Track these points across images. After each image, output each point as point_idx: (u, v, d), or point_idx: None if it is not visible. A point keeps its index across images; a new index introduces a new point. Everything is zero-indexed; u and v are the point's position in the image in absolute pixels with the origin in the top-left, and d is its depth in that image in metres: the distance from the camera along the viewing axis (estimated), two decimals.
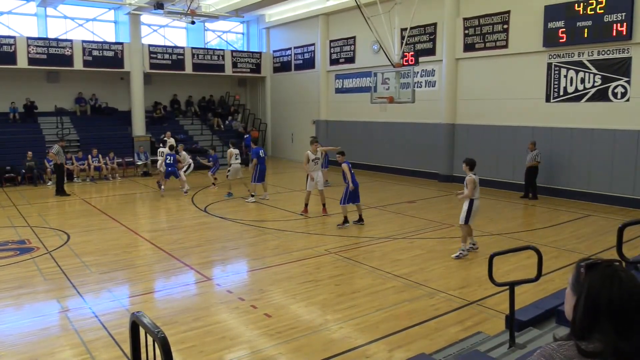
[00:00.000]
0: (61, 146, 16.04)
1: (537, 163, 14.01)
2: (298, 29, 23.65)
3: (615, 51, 13.11)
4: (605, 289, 1.50)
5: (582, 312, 1.52)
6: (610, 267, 1.54)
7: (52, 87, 21.84)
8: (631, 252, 7.72)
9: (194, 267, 8.35)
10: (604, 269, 1.54)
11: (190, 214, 12.72)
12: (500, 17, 15.56)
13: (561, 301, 4.97)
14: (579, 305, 1.54)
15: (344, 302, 6.71)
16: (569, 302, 1.62)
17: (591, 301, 1.51)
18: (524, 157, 14.51)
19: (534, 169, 14.10)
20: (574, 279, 1.61)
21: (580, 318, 1.53)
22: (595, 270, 1.55)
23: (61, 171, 15.75)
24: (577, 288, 1.57)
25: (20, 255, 8.99)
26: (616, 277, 1.51)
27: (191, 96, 25.38)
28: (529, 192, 14.31)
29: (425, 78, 18.19)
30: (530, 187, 14.27)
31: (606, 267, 1.55)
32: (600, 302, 1.49)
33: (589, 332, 1.50)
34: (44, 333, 5.83)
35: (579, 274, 1.58)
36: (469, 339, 5.13)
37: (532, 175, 14.17)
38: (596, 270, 1.55)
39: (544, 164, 14.33)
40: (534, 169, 14.10)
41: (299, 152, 24.26)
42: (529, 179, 14.22)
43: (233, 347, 5.44)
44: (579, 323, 1.53)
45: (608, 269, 1.54)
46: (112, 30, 23.28)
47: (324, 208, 12.28)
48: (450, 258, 8.69)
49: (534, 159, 14.02)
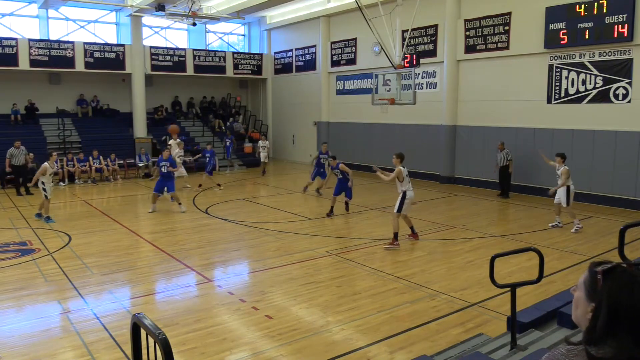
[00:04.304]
0: (16, 147, 15.97)
1: (509, 162, 14.59)
2: (299, 31, 23.67)
3: (617, 52, 13.10)
4: (625, 297, 1.48)
5: (604, 320, 1.49)
6: (628, 273, 1.53)
7: (54, 88, 21.86)
8: (633, 254, 7.72)
9: (195, 268, 8.35)
10: (622, 275, 1.52)
11: (191, 215, 12.72)
12: (501, 18, 15.56)
13: (563, 303, 4.97)
14: (599, 312, 1.51)
15: (345, 303, 6.71)
16: (580, 308, 1.59)
17: (612, 307, 1.48)
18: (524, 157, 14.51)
19: (507, 167, 14.65)
20: (589, 285, 1.57)
21: (601, 326, 1.50)
22: (613, 277, 1.52)
23: (21, 173, 15.73)
24: (594, 295, 1.54)
25: (21, 256, 9.00)
26: (636, 283, 1.49)
27: (192, 98, 25.40)
28: (504, 190, 14.92)
29: (426, 79, 18.20)
30: (505, 185, 14.85)
31: (624, 273, 1.53)
32: (619, 309, 1.47)
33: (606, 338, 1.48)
34: (45, 334, 5.84)
35: (596, 280, 1.55)
36: (470, 341, 5.12)
37: (507, 174, 14.72)
38: (614, 276, 1.52)
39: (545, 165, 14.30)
40: (507, 167, 14.65)
41: (300, 153, 24.33)
42: (504, 177, 14.81)
43: (234, 348, 5.44)
44: (600, 330, 1.50)
45: (626, 275, 1.52)
46: (114, 32, 23.33)
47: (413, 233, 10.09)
48: (451, 259, 8.68)
49: (505, 158, 14.57)
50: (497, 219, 12.79)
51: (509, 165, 14.61)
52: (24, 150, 16.20)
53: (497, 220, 12.61)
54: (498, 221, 12.55)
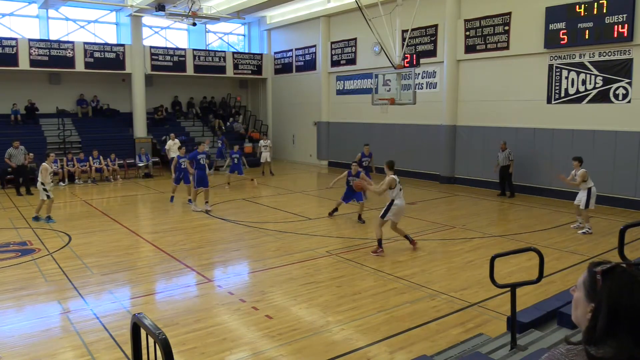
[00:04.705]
0: (15, 147, 15.95)
1: (510, 162, 14.64)
2: (299, 31, 23.67)
3: (617, 52, 13.10)
4: (625, 297, 1.47)
5: (605, 320, 1.49)
6: (627, 273, 1.52)
7: (54, 88, 21.86)
8: (633, 254, 7.72)
9: (195, 268, 8.35)
10: (621, 275, 1.51)
11: (192, 215, 12.72)
12: (501, 18, 15.56)
13: (562, 303, 4.97)
14: (599, 312, 1.50)
15: (345, 303, 6.71)
16: (580, 308, 1.58)
17: (612, 307, 1.48)
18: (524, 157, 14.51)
19: (508, 167, 14.68)
20: (588, 285, 1.56)
21: (601, 326, 1.49)
22: (613, 277, 1.52)
23: (21, 173, 15.73)
24: (594, 295, 1.53)
25: (21, 256, 9.00)
26: (636, 283, 1.48)
27: (192, 98, 25.40)
28: (505, 190, 14.93)
29: (426, 79, 18.20)
30: (508, 185, 14.87)
31: (623, 273, 1.51)
32: (619, 309, 1.47)
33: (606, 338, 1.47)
34: (45, 334, 5.84)
35: (595, 280, 1.54)
36: (470, 341, 5.13)
37: (507, 174, 14.73)
38: (613, 276, 1.52)
39: (545, 165, 14.33)
40: (508, 167, 14.68)
41: (300, 153, 24.35)
42: (504, 177, 14.82)
43: (234, 348, 5.44)
44: (600, 331, 1.49)
45: (625, 275, 1.51)
46: (114, 32, 23.33)
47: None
48: (451, 259, 8.68)
49: (508, 158, 14.59)
50: (497, 219, 12.79)
51: (509, 165, 14.64)
52: (23, 150, 16.19)
53: (497, 220, 12.61)
54: (498, 221, 12.55)
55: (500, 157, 14.74)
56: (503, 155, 14.65)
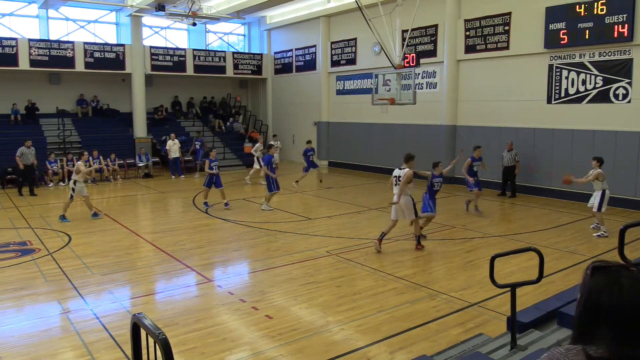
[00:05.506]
0: (27, 146, 15.98)
1: (516, 163, 14.56)
2: (299, 31, 23.67)
3: (617, 52, 13.10)
4: (605, 295, 1.41)
5: (579, 314, 1.46)
6: (616, 272, 1.45)
7: (54, 88, 21.86)
8: (633, 254, 7.72)
9: (195, 268, 8.35)
10: (609, 273, 1.45)
11: (192, 215, 12.72)
12: (501, 18, 15.56)
13: (563, 303, 4.97)
14: (578, 306, 1.48)
15: (345, 303, 6.71)
16: None
17: (591, 305, 1.44)
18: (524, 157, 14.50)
19: (513, 168, 14.59)
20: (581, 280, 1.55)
21: (577, 320, 1.47)
22: (601, 273, 1.46)
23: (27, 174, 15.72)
24: (580, 289, 1.51)
25: (21, 256, 9.00)
26: (619, 283, 1.41)
27: (192, 98, 25.40)
28: (505, 190, 14.89)
29: (426, 79, 18.20)
30: (511, 186, 14.78)
31: (612, 271, 1.45)
32: (600, 308, 1.42)
33: (591, 337, 1.44)
34: (45, 334, 5.84)
35: (585, 275, 1.52)
36: (470, 341, 5.12)
37: (512, 175, 14.64)
38: (602, 273, 1.46)
39: (546, 166, 14.33)
40: (513, 168, 14.59)
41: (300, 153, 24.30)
42: (508, 177, 14.74)
43: (234, 348, 5.44)
44: (575, 324, 1.47)
45: (613, 273, 1.44)
46: (114, 32, 23.32)
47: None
48: (451, 259, 8.67)
49: (514, 159, 14.51)
50: (497, 219, 12.78)
51: (515, 165, 14.51)
52: (33, 151, 16.22)
53: (497, 220, 12.60)
54: (498, 221, 12.54)
55: (506, 158, 14.61)
56: (509, 156, 14.51)
